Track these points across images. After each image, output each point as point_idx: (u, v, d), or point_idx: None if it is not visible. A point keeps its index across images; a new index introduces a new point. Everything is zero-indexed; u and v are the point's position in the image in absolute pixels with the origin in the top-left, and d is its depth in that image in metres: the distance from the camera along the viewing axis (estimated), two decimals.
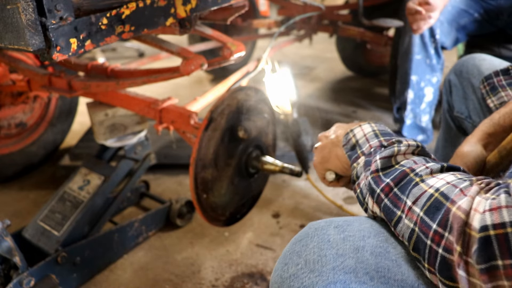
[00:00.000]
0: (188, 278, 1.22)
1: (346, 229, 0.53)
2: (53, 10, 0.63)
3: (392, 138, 0.60)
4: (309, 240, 0.53)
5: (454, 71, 1.07)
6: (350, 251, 0.50)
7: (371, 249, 0.50)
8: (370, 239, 0.51)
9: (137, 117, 1.30)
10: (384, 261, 0.49)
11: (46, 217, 1.23)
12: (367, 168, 0.57)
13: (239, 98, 1.02)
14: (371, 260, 0.49)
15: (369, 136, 0.62)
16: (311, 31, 2.45)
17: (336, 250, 0.50)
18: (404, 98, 1.75)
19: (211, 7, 0.93)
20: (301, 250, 0.52)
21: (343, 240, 0.51)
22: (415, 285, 0.48)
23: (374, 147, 0.59)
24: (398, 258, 0.49)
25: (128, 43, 3.74)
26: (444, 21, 1.58)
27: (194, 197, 0.98)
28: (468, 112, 1.01)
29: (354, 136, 0.65)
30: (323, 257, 0.50)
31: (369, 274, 0.48)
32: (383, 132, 0.62)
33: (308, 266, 0.50)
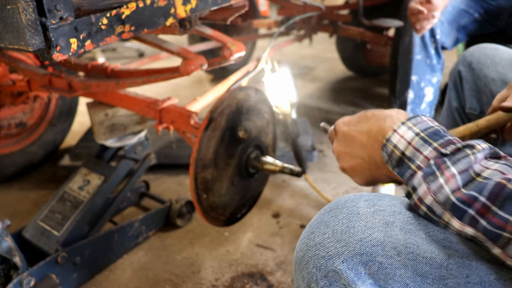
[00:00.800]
0: (188, 278, 1.22)
1: (376, 203, 0.52)
2: (53, 10, 0.63)
3: (447, 139, 0.50)
4: (339, 211, 0.52)
5: (462, 63, 0.97)
6: (380, 225, 0.49)
7: (401, 225, 0.49)
8: (400, 215, 0.50)
9: (137, 117, 1.30)
10: (414, 238, 0.48)
11: (46, 217, 1.23)
12: (428, 178, 0.48)
13: (239, 98, 1.02)
14: (400, 236, 0.48)
15: (417, 143, 0.51)
16: (311, 31, 2.45)
17: (365, 222, 0.49)
18: (404, 98, 1.75)
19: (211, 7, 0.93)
20: (329, 220, 0.51)
21: (373, 214, 0.50)
22: (444, 264, 0.46)
23: (433, 158, 0.49)
24: (429, 236, 0.48)
25: (128, 43, 3.74)
26: (444, 21, 1.58)
27: (194, 197, 0.98)
28: (481, 107, 0.93)
29: (395, 147, 0.53)
30: (351, 228, 0.49)
31: (396, 249, 0.47)
32: (430, 133, 0.51)
33: (335, 236, 0.49)
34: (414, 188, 0.49)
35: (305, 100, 2.58)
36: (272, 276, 1.22)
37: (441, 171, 0.47)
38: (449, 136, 0.51)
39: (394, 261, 0.46)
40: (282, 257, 1.28)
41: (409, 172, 0.51)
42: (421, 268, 0.46)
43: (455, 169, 0.46)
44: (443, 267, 0.46)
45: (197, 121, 1.07)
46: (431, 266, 0.46)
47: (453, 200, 0.45)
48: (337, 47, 2.89)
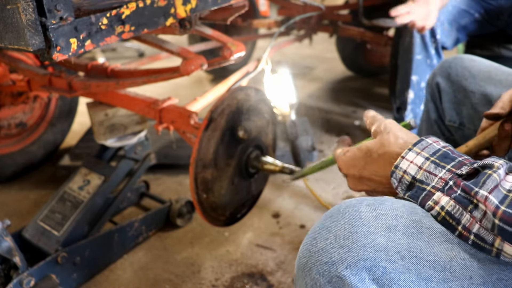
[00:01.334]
0: (188, 278, 1.22)
1: (378, 207, 0.52)
2: (53, 10, 0.63)
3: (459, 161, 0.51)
4: (340, 216, 0.52)
5: (440, 74, 0.97)
6: (382, 230, 0.49)
7: (403, 228, 0.49)
8: (403, 219, 0.50)
9: (137, 117, 1.30)
10: (417, 241, 0.48)
11: (46, 217, 1.23)
12: (468, 207, 0.47)
13: (239, 98, 1.02)
14: (403, 240, 0.48)
15: (429, 167, 0.52)
16: (311, 31, 2.45)
17: (368, 227, 0.49)
18: (404, 98, 1.75)
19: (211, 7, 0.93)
20: (332, 226, 0.51)
21: (375, 218, 0.50)
22: (447, 266, 0.46)
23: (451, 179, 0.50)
24: (432, 239, 0.48)
25: (128, 43, 3.74)
26: (444, 21, 1.58)
27: (194, 197, 0.98)
28: (461, 119, 0.93)
29: (405, 173, 0.54)
30: (354, 233, 0.49)
31: (400, 253, 0.47)
32: (440, 156, 0.52)
33: (338, 242, 0.49)
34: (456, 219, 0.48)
35: (305, 100, 2.58)
36: (272, 276, 1.21)
37: (477, 193, 0.46)
38: (459, 157, 0.52)
39: (398, 265, 0.46)
40: (282, 257, 1.28)
41: (425, 193, 0.51)
42: (424, 271, 0.46)
43: (484, 190, 0.45)
44: (446, 270, 0.46)
45: (197, 121, 1.07)
46: (434, 269, 0.46)
47: (498, 223, 0.44)
48: (337, 47, 2.89)
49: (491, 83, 0.88)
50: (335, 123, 2.24)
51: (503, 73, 0.88)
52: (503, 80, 0.87)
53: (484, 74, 0.90)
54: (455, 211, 0.48)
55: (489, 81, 0.88)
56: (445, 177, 0.50)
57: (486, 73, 0.89)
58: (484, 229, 0.46)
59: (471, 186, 0.47)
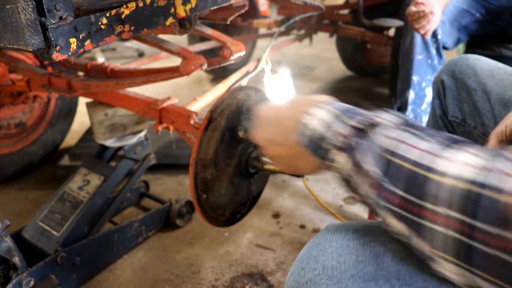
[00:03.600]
0: (188, 279, 1.21)
1: (365, 234, 0.51)
2: (53, 10, 0.63)
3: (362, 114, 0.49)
4: (327, 244, 0.51)
5: (446, 72, 1.00)
6: (370, 258, 0.48)
7: (392, 254, 0.48)
8: (391, 244, 0.49)
9: (137, 117, 1.29)
10: (406, 267, 0.47)
11: (46, 217, 1.23)
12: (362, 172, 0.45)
13: (239, 98, 1.02)
14: (392, 267, 0.47)
15: (330, 120, 0.49)
16: (311, 31, 2.45)
17: (356, 256, 0.48)
18: (405, 98, 1.75)
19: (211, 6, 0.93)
20: (319, 255, 0.50)
21: (363, 246, 0.49)
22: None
23: (349, 135, 0.47)
24: (421, 262, 0.46)
25: (127, 43, 3.74)
26: (446, 21, 1.58)
27: (194, 197, 0.98)
28: (463, 115, 0.96)
29: (306, 126, 0.51)
30: (342, 263, 0.48)
31: (390, 282, 0.46)
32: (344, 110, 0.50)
33: (326, 273, 0.48)
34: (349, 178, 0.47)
35: None
36: (272, 276, 1.21)
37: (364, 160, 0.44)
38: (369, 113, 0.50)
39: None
40: (282, 257, 1.28)
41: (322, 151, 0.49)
42: None
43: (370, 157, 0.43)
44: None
45: (197, 121, 1.07)
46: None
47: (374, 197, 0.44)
48: (337, 47, 2.89)
49: (492, 82, 0.90)
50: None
51: (504, 73, 0.90)
52: (504, 79, 0.89)
53: (486, 72, 0.92)
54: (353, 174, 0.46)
55: (491, 79, 0.91)
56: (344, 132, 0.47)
57: (488, 72, 0.92)
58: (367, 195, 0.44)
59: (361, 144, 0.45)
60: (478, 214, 0.35)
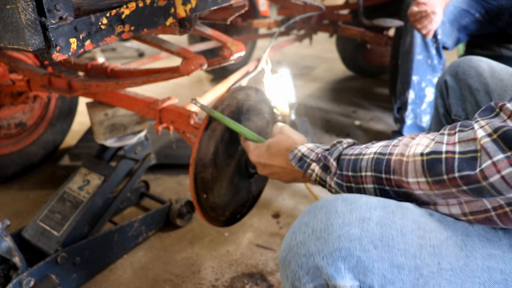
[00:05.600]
0: (188, 278, 1.22)
1: (353, 201, 0.55)
2: (53, 10, 0.63)
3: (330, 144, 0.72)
4: (317, 211, 0.55)
5: (449, 73, 1.04)
6: (356, 221, 0.52)
7: (376, 219, 0.52)
8: (376, 211, 0.53)
9: (137, 117, 1.29)
10: (389, 230, 0.51)
11: (46, 217, 1.23)
12: (328, 171, 0.68)
13: (239, 98, 1.02)
14: (376, 230, 0.51)
15: (312, 147, 0.75)
16: (311, 31, 2.45)
17: (343, 219, 0.52)
18: (405, 98, 1.75)
19: (211, 7, 0.93)
20: (309, 220, 0.55)
21: (350, 211, 0.53)
22: (417, 254, 0.50)
23: (320, 153, 0.71)
24: (403, 228, 0.51)
25: (128, 43, 3.74)
26: (445, 21, 1.58)
27: (194, 197, 0.98)
28: (466, 114, 0.99)
29: (299, 151, 0.76)
30: (330, 226, 0.52)
31: (373, 243, 0.50)
32: (320, 145, 0.76)
33: (315, 234, 0.52)
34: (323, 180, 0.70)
35: (305, 100, 2.58)
36: (272, 276, 1.21)
37: (329, 161, 0.68)
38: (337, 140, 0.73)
39: (371, 254, 0.49)
40: None
41: (306, 165, 0.73)
42: (397, 259, 0.49)
43: (332, 158, 0.68)
44: (416, 257, 0.50)
45: (197, 121, 1.07)
46: (405, 257, 0.50)
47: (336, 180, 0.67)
48: (337, 47, 2.89)
49: (493, 82, 0.93)
50: (335, 123, 2.24)
51: (506, 73, 0.93)
52: (504, 80, 0.92)
53: (488, 73, 0.95)
54: (323, 175, 0.70)
55: (492, 79, 0.93)
56: (318, 152, 0.72)
57: (490, 72, 0.95)
58: (335, 184, 0.67)
59: (327, 156, 0.69)
60: None
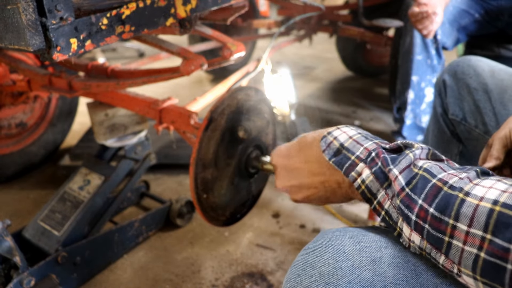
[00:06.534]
0: (188, 278, 1.22)
1: (362, 239, 0.51)
2: (54, 10, 0.63)
3: (385, 141, 0.54)
4: (323, 250, 0.50)
5: (448, 72, 1.03)
6: (367, 263, 0.47)
7: (388, 260, 0.48)
8: (387, 250, 0.49)
9: (137, 117, 1.30)
10: (403, 271, 0.47)
11: (46, 217, 1.23)
12: (384, 184, 0.50)
13: (239, 98, 1.02)
14: (389, 272, 0.47)
15: (358, 138, 0.55)
16: (311, 31, 2.45)
17: (352, 262, 0.48)
18: (404, 98, 1.75)
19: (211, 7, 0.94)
20: (315, 261, 0.50)
21: (359, 251, 0.49)
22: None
23: (374, 150, 0.52)
24: (417, 267, 0.47)
25: (128, 43, 3.74)
26: (445, 21, 1.58)
27: (194, 197, 0.98)
28: (463, 114, 0.98)
29: (335, 139, 0.57)
30: (339, 269, 0.47)
31: (388, 287, 0.46)
32: (371, 136, 0.56)
33: (323, 279, 0.47)
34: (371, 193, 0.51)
35: (305, 100, 2.58)
36: (272, 276, 1.22)
37: (390, 171, 0.49)
38: (396, 141, 0.54)
39: None
40: (282, 257, 1.28)
41: (349, 163, 0.54)
42: None
43: (397, 169, 0.48)
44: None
45: (197, 121, 1.07)
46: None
47: (399, 204, 0.47)
48: (337, 47, 2.89)
49: (492, 82, 0.92)
50: (335, 123, 2.24)
51: (505, 73, 0.92)
52: (504, 79, 0.91)
53: (487, 73, 0.94)
54: (373, 186, 0.51)
55: (491, 79, 0.92)
56: (370, 148, 0.53)
57: (490, 72, 0.93)
58: (393, 206, 0.49)
59: (388, 161, 0.50)
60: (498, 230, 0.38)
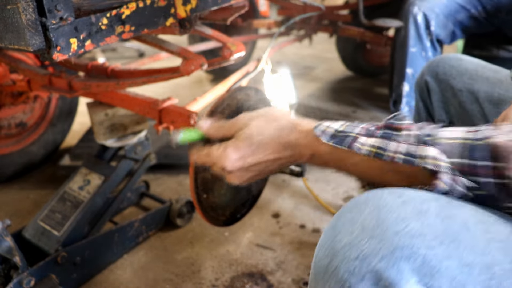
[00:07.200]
0: (188, 278, 1.22)
1: (403, 193, 0.46)
2: (53, 10, 0.63)
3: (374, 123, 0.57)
4: (363, 206, 0.46)
5: (429, 74, 0.97)
6: (414, 215, 0.43)
7: (436, 212, 0.44)
8: (432, 202, 0.45)
9: (137, 117, 1.30)
10: (452, 224, 0.43)
11: (46, 217, 1.23)
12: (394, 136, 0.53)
13: (239, 98, 1.02)
14: (438, 224, 0.43)
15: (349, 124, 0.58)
16: (311, 31, 2.45)
17: (398, 213, 0.43)
18: (399, 91, 1.77)
19: (211, 7, 0.94)
20: (355, 217, 0.45)
21: (403, 204, 0.44)
22: (486, 250, 0.42)
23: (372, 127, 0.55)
24: (466, 222, 0.44)
25: (128, 43, 3.74)
26: (440, 13, 1.58)
27: (194, 197, 0.98)
28: (450, 118, 0.94)
29: (328, 127, 0.58)
30: (384, 221, 0.43)
31: (438, 238, 0.42)
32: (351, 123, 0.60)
33: (367, 232, 0.43)
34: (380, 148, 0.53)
35: (305, 100, 2.58)
36: (272, 276, 1.22)
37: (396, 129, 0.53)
38: None
39: (438, 252, 0.41)
40: (282, 257, 1.28)
41: (349, 138, 0.55)
42: (466, 257, 0.41)
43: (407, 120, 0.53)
44: (486, 254, 0.42)
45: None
46: (475, 253, 0.42)
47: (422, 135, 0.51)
48: (337, 47, 2.89)
49: (478, 81, 0.88)
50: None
51: (489, 70, 0.88)
52: (490, 78, 0.87)
53: (471, 72, 0.90)
54: (383, 144, 0.53)
55: (476, 78, 0.88)
56: (366, 127, 0.55)
57: (473, 71, 0.89)
58: (411, 145, 0.51)
59: (394, 122, 0.53)
60: None
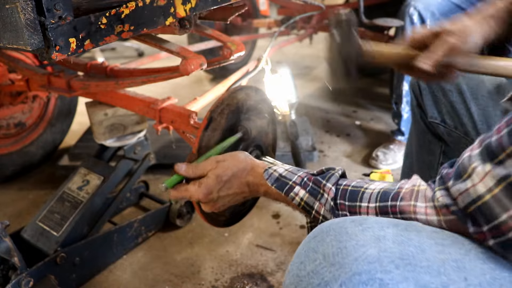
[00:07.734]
0: (188, 279, 1.21)
1: (363, 222, 0.51)
2: (52, 10, 0.63)
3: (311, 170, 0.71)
4: (325, 235, 0.50)
5: None
6: (371, 241, 0.47)
7: (392, 237, 0.48)
8: (389, 229, 0.49)
9: (137, 117, 1.29)
10: (408, 248, 0.47)
11: (45, 217, 1.23)
12: (319, 197, 0.66)
13: (239, 98, 1.02)
14: (394, 248, 0.46)
15: (292, 170, 0.72)
16: (311, 31, 2.44)
17: (356, 241, 0.47)
18: (399, 91, 1.78)
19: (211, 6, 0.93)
20: (317, 246, 0.49)
21: (362, 231, 0.49)
22: (441, 270, 0.45)
23: (306, 176, 0.69)
24: (422, 244, 0.47)
25: (127, 42, 3.74)
26: (435, 12, 1.59)
27: None
28: (442, 116, 0.96)
29: (275, 171, 0.73)
30: (343, 249, 0.47)
31: (394, 263, 0.45)
32: (297, 168, 0.74)
33: (328, 260, 0.47)
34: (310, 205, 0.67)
35: (305, 100, 2.58)
36: (272, 276, 1.21)
37: (321, 188, 0.66)
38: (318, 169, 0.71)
39: (394, 275, 0.44)
40: (282, 258, 1.28)
41: (288, 186, 0.70)
42: (421, 278, 0.44)
43: (330, 183, 0.65)
44: (441, 274, 0.45)
45: (197, 121, 1.06)
46: (430, 274, 0.45)
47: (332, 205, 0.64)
48: None
49: (464, 81, 0.90)
50: (335, 123, 2.24)
51: None
52: (474, 77, 0.89)
53: None
54: (310, 201, 0.67)
55: (463, 79, 0.91)
56: (302, 175, 0.70)
57: None
58: (327, 211, 0.64)
59: (319, 179, 0.67)
60: None
